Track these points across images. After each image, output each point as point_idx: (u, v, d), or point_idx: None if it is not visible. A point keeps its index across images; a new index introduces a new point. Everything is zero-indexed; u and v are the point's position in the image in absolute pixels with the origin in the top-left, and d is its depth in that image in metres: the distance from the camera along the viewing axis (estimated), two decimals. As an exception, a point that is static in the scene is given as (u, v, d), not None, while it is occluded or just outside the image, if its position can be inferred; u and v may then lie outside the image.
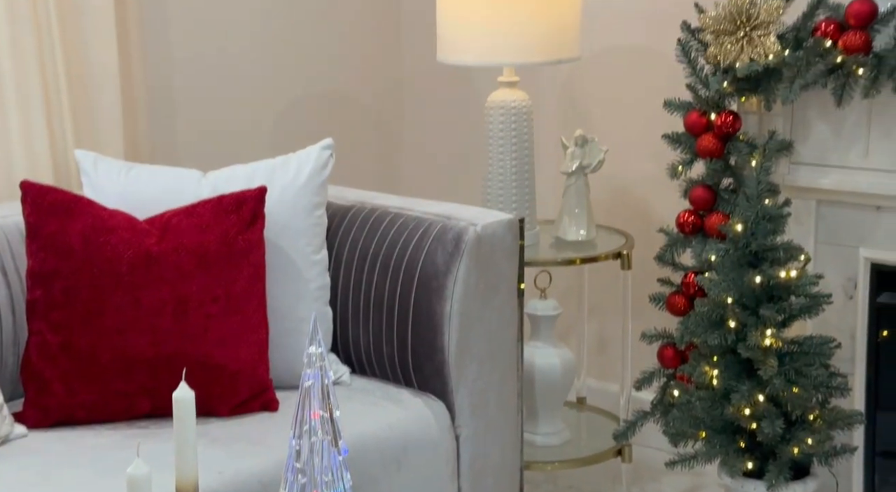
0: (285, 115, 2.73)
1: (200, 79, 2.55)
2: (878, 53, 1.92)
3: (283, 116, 2.72)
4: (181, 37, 2.50)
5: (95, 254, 1.79)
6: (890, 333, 2.11)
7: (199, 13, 2.52)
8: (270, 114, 2.70)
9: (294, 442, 1.02)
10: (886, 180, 2.02)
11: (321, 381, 0.98)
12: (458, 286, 1.88)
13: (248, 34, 2.62)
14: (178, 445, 1.00)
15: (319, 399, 0.99)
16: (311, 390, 0.99)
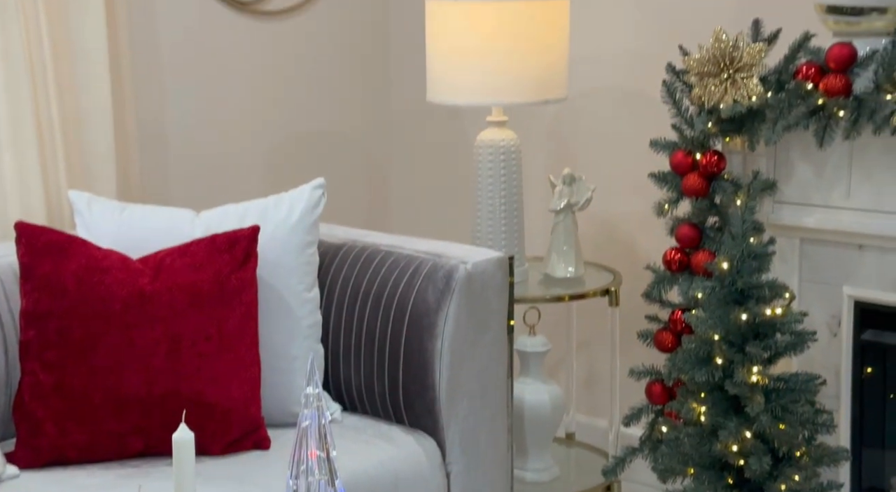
0: (276, 154, 2.75)
1: (191, 119, 2.58)
2: (857, 96, 1.94)
3: (274, 155, 2.75)
4: (172, 77, 2.54)
5: (89, 294, 1.80)
6: (874, 371, 2.12)
7: (190, 55, 2.56)
8: (261, 153, 2.72)
9: (291, 482, 1.03)
10: (868, 220, 2.03)
11: (318, 421, 1.00)
12: (448, 324, 1.90)
13: (238, 74, 2.66)
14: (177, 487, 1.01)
15: (316, 439, 1.00)
16: (308, 430, 1.01)
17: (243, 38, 2.65)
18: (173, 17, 2.51)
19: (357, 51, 2.90)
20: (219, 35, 2.60)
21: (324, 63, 2.82)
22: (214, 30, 2.59)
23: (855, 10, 1.97)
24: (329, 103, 2.85)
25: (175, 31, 2.52)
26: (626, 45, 2.55)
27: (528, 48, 2.24)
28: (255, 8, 2.65)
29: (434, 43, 2.30)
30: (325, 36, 2.81)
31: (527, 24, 2.23)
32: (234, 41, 2.63)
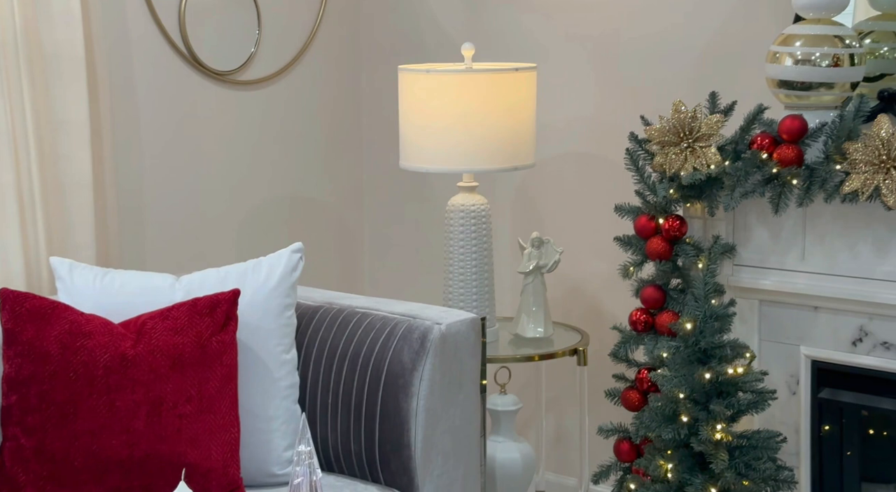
0: (251, 219, 2.79)
1: (169, 186, 2.61)
2: (809, 166, 2.01)
3: (249, 221, 2.78)
4: (151, 146, 2.57)
5: (72, 358, 1.82)
6: (831, 428, 2.17)
7: (168, 124, 2.60)
8: (237, 218, 2.76)
9: None
10: (822, 282, 2.09)
11: (310, 477, 1.04)
12: (423, 383, 1.93)
13: (215, 142, 2.70)
14: None
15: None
16: (300, 487, 1.05)
17: (220, 107, 2.70)
18: (153, 87, 2.56)
19: (330, 119, 2.96)
20: (196, 104, 2.65)
21: (298, 131, 2.88)
22: (192, 99, 2.64)
23: (804, 85, 2.04)
24: (303, 170, 2.90)
25: (154, 100, 2.56)
26: (591, 114, 2.63)
27: (497, 117, 2.30)
28: (231, 78, 2.71)
29: (407, 112, 2.37)
30: (299, 105, 2.87)
31: (496, 94, 2.30)
32: (211, 110, 2.68)
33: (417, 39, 2.89)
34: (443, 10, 2.85)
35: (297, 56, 2.85)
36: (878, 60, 2.15)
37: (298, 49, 2.85)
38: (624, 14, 2.56)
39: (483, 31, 2.74)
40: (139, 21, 2.53)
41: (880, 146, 1.88)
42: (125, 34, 2.50)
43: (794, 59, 2.05)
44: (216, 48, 2.67)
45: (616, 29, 2.57)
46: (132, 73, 2.53)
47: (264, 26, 2.76)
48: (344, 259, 3.03)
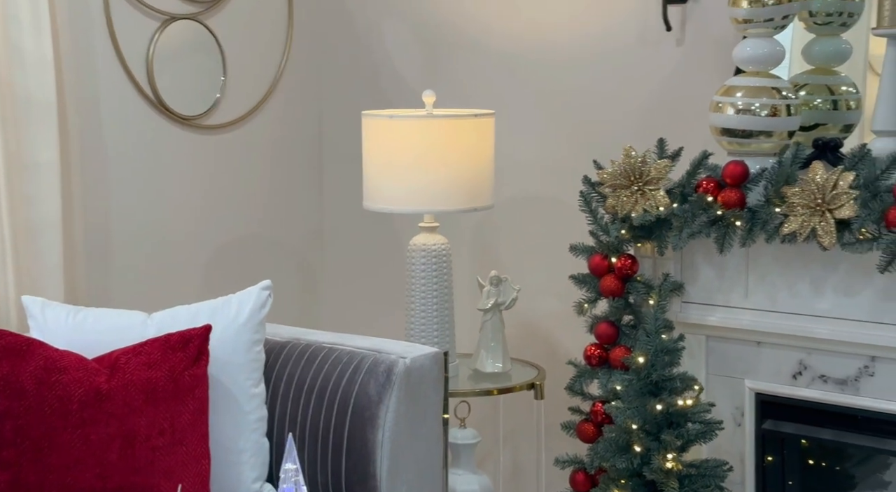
0: (216, 259, 2.83)
1: (136, 227, 2.66)
2: (751, 208, 2.09)
3: (214, 261, 2.83)
4: (119, 187, 2.62)
5: (47, 393, 1.86)
6: (774, 459, 2.23)
7: (136, 166, 2.65)
8: (202, 258, 2.80)
9: None
10: (764, 319, 2.17)
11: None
12: (389, 415, 1.98)
13: (181, 184, 2.75)
14: None
15: None
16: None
17: (186, 150, 2.76)
18: (121, 131, 2.61)
19: (293, 161, 3.02)
20: (163, 148, 2.71)
21: (262, 173, 2.94)
22: (159, 143, 2.70)
23: (745, 133, 2.14)
24: (267, 210, 2.96)
25: (122, 144, 2.62)
26: (546, 157, 2.71)
27: (457, 160, 2.38)
28: (196, 123, 2.78)
29: (370, 155, 2.44)
30: (263, 148, 2.94)
31: (456, 138, 2.39)
32: (177, 153, 2.74)
33: (379, 86, 2.98)
34: (403, 59, 2.95)
35: (261, 101, 2.93)
36: (812, 111, 2.27)
37: (263, 94, 2.93)
38: (577, 65, 2.67)
39: (442, 78, 2.84)
40: (108, 67, 2.59)
41: (816, 191, 2.00)
42: (95, 80, 2.56)
43: (735, 108, 2.15)
44: (182, 93, 2.74)
45: (569, 78, 2.68)
46: (101, 118, 2.58)
47: (229, 72, 2.84)
48: (306, 297, 3.08)
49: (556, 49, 2.70)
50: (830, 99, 2.29)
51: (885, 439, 2.12)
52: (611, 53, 2.62)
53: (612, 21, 2.61)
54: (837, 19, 2.26)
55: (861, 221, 1.96)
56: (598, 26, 2.63)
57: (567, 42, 2.68)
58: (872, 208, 1.95)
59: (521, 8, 2.75)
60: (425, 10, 2.91)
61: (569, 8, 2.68)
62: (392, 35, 2.98)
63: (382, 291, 2.97)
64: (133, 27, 2.63)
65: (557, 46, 2.70)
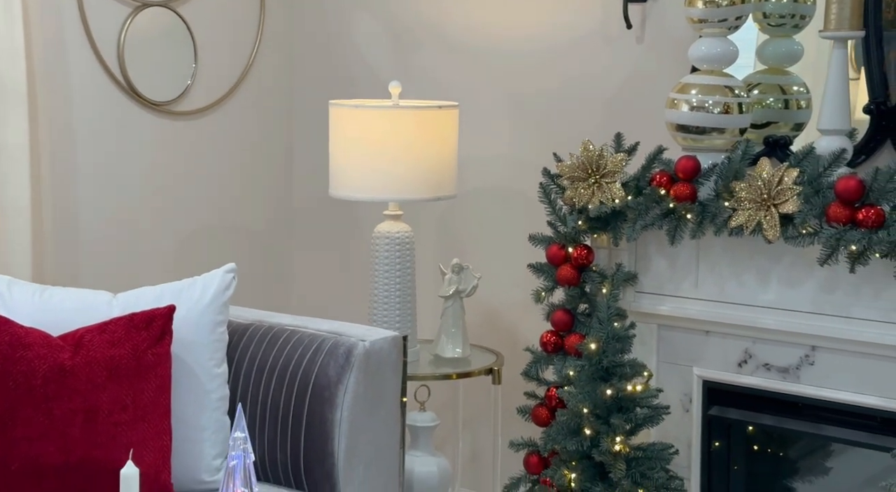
0: (184, 244, 2.86)
1: (105, 211, 2.68)
2: (702, 202, 2.15)
3: (183, 246, 2.85)
4: (88, 171, 2.65)
5: (11, 368, 1.88)
6: (721, 444, 2.29)
7: (105, 150, 2.68)
8: (170, 243, 2.83)
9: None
10: (712, 309, 2.22)
11: (244, 461, 1.16)
12: (347, 396, 2.01)
13: (151, 169, 2.78)
14: None
15: (242, 477, 1.17)
16: (235, 469, 1.17)
17: (156, 135, 2.78)
18: (91, 115, 2.64)
19: (263, 149, 3.05)
20: (133, 132, 2.73)
21: (231, 159, 2.97)
22: (129, 128, 2.73)
23: (699, 130, 2.20)
24: (235, 196, 2.99)
25: (92, 128, 2.65)
26: (508, 150, 2.76)
27: (420, 151, 2.42)
28: (167, 108, 2.81)
29: (336, 144, 2.48)
30: (232, 135, 2.97)
31: (420, 129, 2.43)
32: (147, 138, 2.76)
33: (348, 76, 3.01)
34: (373, 50, 2.99)
35: (232, 89, 2.96)
36: (765, 109, 2.33)
37: (233, 82, 2.96)
38: (541, 60, 2.71)
39: (411, 70, 2.88)
40: (80, 53, 2.61)
41: (762, 186, 2.07)
42: (66, 65, 2.59)
43: (689, 105, 2.21)
44: (153, 80, 2.76)
45: (533, 73, 2.73)
46: (72, 102, 2.61)
47: (200, 60, 2.87)
48: (274, 282, 3.11)
49: (521, 44, 2.74)
50: (782, 98, 2.35)
51: (823, 426, 2.18)
52: (573, 49, 2.67)
53: (575, 17, 2.66)
54: (790, 21, 2.31)
55: (803, 216, 2.02)
56: (562, 22, 2.68)
57: (531, 38, 2.73)
58: (814, 204, 2.02)
59: (487, 4, 2.80)
60: (396, 3, 2.95)
61: (534, 4, 2.73)
62: (363, 26, 3.02)
63: (349, 276, 3.00)
64: (104, 13, 2.65)
65: (522, 42, 2.74)
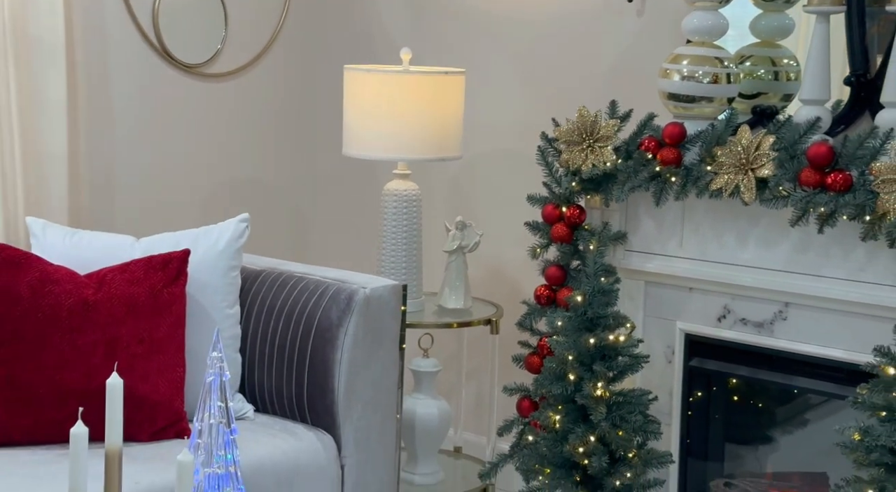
0: (211, 197, 2.91)
1: (137, 162, 2.73)
2: (686, 166, 2.17)
3: (209, 198, 2.91)
4: (122, 126, 2.70)
5: (41, 301, 1.96)
6: (702, 394, 2.33)
7: (139, 108, 2.73)
8: (198, 196, 2.88)
9: (197, 424, 1.27)
10: (696, 267, 2.26)
11: (220, 379, 1.24)
12: (347, 338, 2.09)
13: (181, 126, 2.82)
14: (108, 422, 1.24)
15: (218, 392, 1.24)
16: (212, 385, 1.25)
17: (187, 95, 2.83)
18: (126, 73, 2.70)
19: (287, 110, 3.09)
20: (166, 92, 2.78)
21: (258, 120, 3.01)
22: (162, 87, 2.78)
23: (689, 98, 2.21)
24: (260, 154, 3.04)
25: (127, 85, 2.70)
26: (510, 115, 2.79)
27: (428, 114, 2.46)
28: (198, 70, 2.86)
29: (350, 105, 2.52)
30: (259, 97, 3.01)
31: (428, 93, 2.47)
32: (178, 98, 2.81)
33: (366, 42, 3.05)
34: (390, 18, 3.03)
35: (260, 54, 3.01)
36: (755, 81, 2.34)
37: (261, 47, 3.01)
38: (546, 30, 2.73)
39: (424, 38, 2.91)
40: (116, 14, 2.66)
41: (741, 151, 2.09)
42: (103, 25, 2.64)
43: (680, 75, 2.22)
44: (186, 43, 2.81)
45: (539, 43, 2.75)
46: (108, 61, 2.66)
47: (230, 25, 2.92)
48: (295, 234, 3.16)
49: (529, 14, 2.76)
50: (772, 70, 2.36)
51: (795, 377, 2.21)
52: (577, 21, 2.68)
53: None
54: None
55: (778, 180, 2.05)
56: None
57: (539, 7, 2.75)
58: (788, 169, 2.04)
59: None
60: None
61: None
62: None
63: (363, 230, 3.04)
64: None
65: (530, 12, 2.76)
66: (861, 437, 1.85)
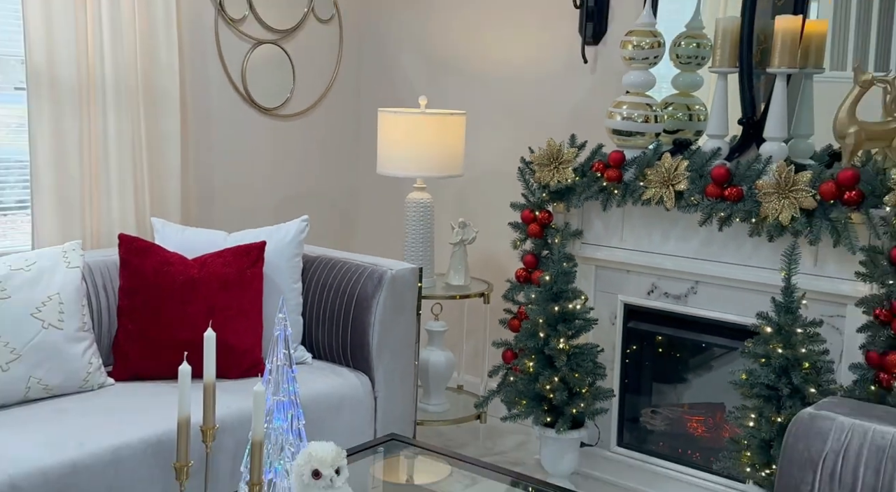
0: (282, 203, 2.93)
1: (229, 178, 2.75)
2: (625, 182, 2.20)
3: (281, 203, 2.92)
4: (220, 153, 2.72)
5: (161, 279, 2.01)
6: (637, 348, 2.36)
7: (232, 139, 2.74)
8: (273, 202, 2.90)
9: (269, 365, 1.32)
10: (632, 255, 2.28)
11: (284, 333, 1.28)
12: (379, 307, 2.11)
13: (261, 152, 2.84)
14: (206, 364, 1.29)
15: (283, 343, 1.29)
16: (279, 338, 1.29)
17: (265, 130, 2.85)
18: (222, 115, 2.71)
19: (336, 141, 3.09)
20: (249, 128, 2.80)
21: (315, 147, 3.02)
22: (247, 124, 2.79)
23: (627, 133, 2.24)
24: (316, 172, 3.04)
25: (222, 124, 2.72)
26: (500, 145, 2.79)
27: (438, 143, 2.48)
28: (273, 112, 2.87)
29: (382, 137, 2.54)
30: (316, 131, 3.01)
31: (438, 128, 2.49)
32: (258, 132, 2.83)
33: (395, 91, 3.05)
34: (412, 75, 3.04)
35: (318, 100, 3.01)
36: (675, 120, 2.36)
37: (319, 96, 3.01)
38: (525, 84, 2.74)
39: (436, 88, 2.92)
40: (216, 71, 2.69)
41: (664, 172, 2.12)
42: (206, 79, 2.67)
43: (621, 116, 2.25)
44: (265, 92, 2.82)
45: (519, 93, 2.76)
46: (209, 105, 2.69)
47: (297, 80, 2.93)
48: (342, 230, 3.18)
49: (511, 73, 2.78)
50: (687, 113, 2.37)
51: (702, 335, 2.24)
52: (547, 77, 2.70)
53: (550, 54, 2.69)
54: (694, 61, 2.33)
55: (690, 192, 2.08)
56: (541, 58, 2.71)
57: (519, 69, 2.76)
58: (698, 184, 2.07)
59: (490, 45, 2.83)
60: (429, 44, 3.01)
61: (522, 46, 2.75)
62: (407, 58, 3.07)
63: (391, 227, 3.05)
64: (233, 47, 2.73)
65: (512, 71, 2.78)
66: (747, 377, 1.89)
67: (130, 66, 2.34)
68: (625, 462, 2.36)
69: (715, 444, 2.27)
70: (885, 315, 1.80)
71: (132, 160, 2.37)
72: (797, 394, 1.84)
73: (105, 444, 1.66)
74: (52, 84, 2.22)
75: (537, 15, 2.69)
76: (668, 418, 2.38)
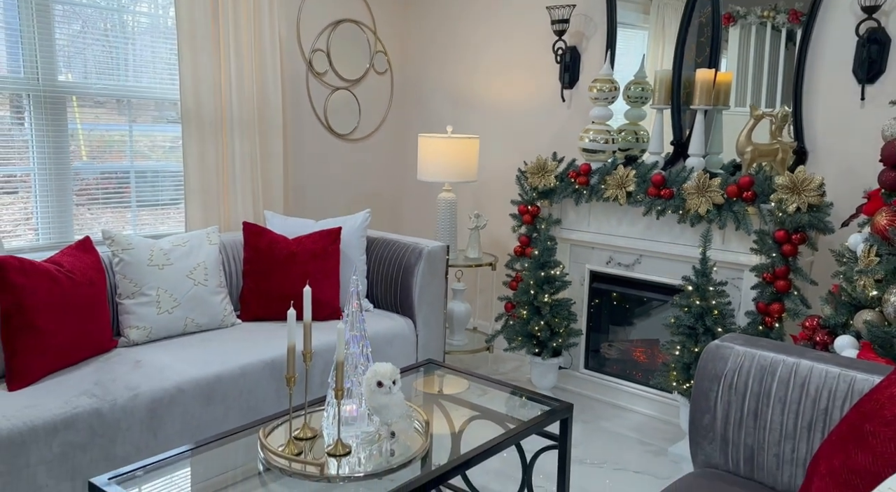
0: (353, 200, 2.95)
1: (317, 181, 2.78)
2: (592, 186, 2.23)
3: (352, 201, 2.95)
4: (311, 167, 2.75)
5: (272, 253, 2.07)
6: (599, 301, 2.38)
7: (316, 156, 2.77)
8: (347, 200, 2.93)
9: (346, 311, 1.39)
10: (595, 237, 2.29)
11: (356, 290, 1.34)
12: (419, 273, 2.16)
13: (336, 167, 2.87)
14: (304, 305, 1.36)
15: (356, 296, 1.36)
16: (353, 292, 1.36)
17: (341, 150, 2.87)
18: (310, 140, 2.74)
19: (389, 157, 3.11)
20: (329, 149, 2.83)
21: (374, 162, 3.04)
22: (327, 147, 2.82)
23: (593, 151, 2.25)
24: (376, 179, 3.06)
25: (313, 147, 2.75)
26: (503, 159, 2.80)
27: (459, 158, 2.51)
28: (346, 137, 2.90)
29: (421, 154, 2.57)
30: (376, 150, 3.03)
31: (459, 148, 2.51)
32: (336, 152, 2.86)
33: (430, 120, 3.06)
34: (442, 109, 3.05)
35: (376, 128, 3.03)
36: (626, 142, 2.35)
37: (376, 125, 3.04)
38: (520, 116, 2.74)
39: (459, 118, 2.94)
40: (306, 107, 2.73)
41: (619, 178, 2.14)
42: (300, 113, 2.71)
43: (589, 139, 2.26)
44: (340, 122, 2.85)
45: (517, 122, 2.75)
46: (302, 131, 2.73)
47: (362, 114, 2.97)
48: (393, 220, 3.20)
49: (513, 107, 2.77)
50: (636, 136, 2.38)
51: (645, 292, 2.26)
52: (537, 110, 2.69)
53: (539, 94, 2.68)
54: (640, 100, 2.33)
55: (637, 192, 2.10)
56: (532, 98, 2.71)
57: (518, 105, 2.76)
58: (642, 187, 2.09)
59: (497, 88, 2.83)
60: (452, 89, 2.99)
61: (520, 89, 2.75)
62: (439, 96, 3.07)
63: (427, 218, 3.08)
64: (319, 91, 2.76)
65: (513, 106, 2.77)
66: (674, 320, 1.92)
67: (250, 105, 2.40)
68: (589, 380, 2.41)
69: (652, 367, 2.30)
70: (770, 278, 1.83)
71: (251, 170, 2.43)
72: (709, 332, 1.88)
73: (238, 362, 1.75)
74: (198, 118, 2.30)
75: (530, 68, 2.71)
76: (619, 350, 2.41)
